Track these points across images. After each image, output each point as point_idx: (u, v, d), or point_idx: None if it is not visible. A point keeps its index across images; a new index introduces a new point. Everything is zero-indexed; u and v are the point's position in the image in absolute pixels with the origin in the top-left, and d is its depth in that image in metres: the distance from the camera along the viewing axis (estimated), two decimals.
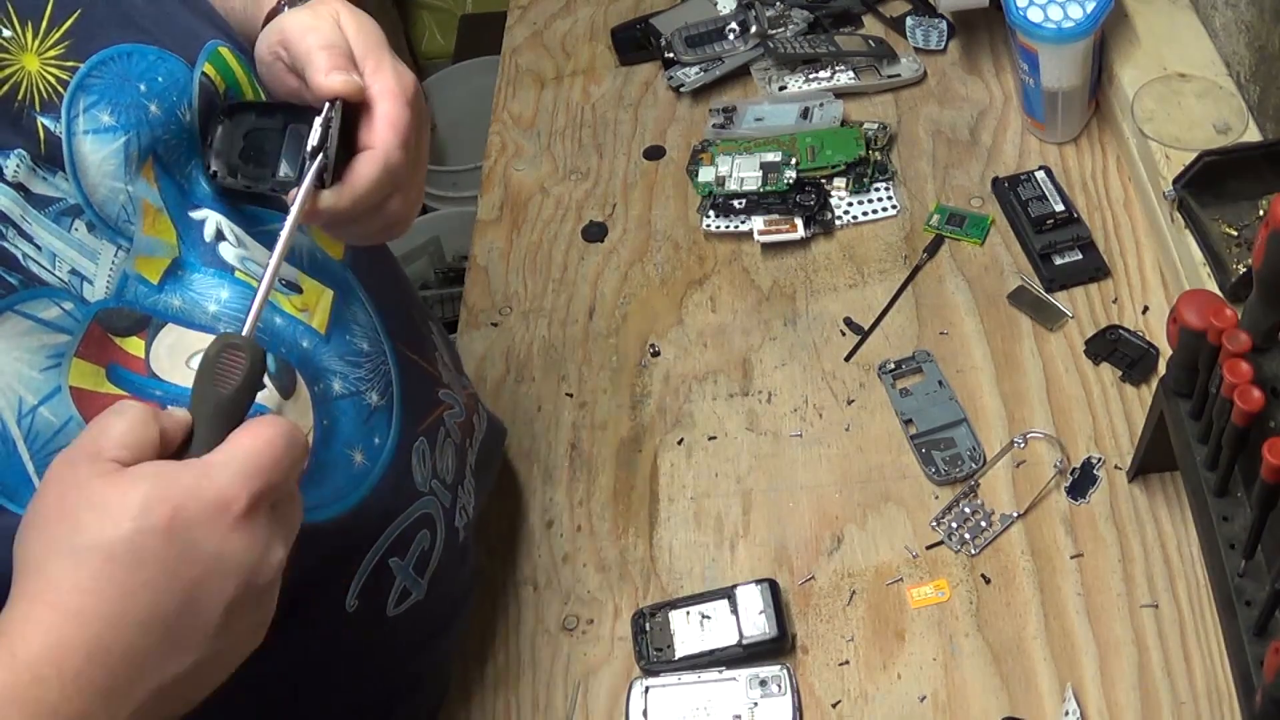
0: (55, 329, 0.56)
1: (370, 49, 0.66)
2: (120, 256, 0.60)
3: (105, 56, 0.61)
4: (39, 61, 0.58)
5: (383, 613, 0.75)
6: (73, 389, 0.56)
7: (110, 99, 0.61)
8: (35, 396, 0.55)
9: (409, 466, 0.74)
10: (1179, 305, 0.72)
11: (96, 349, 0.58)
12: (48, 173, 0.58)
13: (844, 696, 0.84)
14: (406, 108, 0.64)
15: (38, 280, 0.56)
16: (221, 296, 0.65)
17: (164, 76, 0.64)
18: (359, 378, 0.72)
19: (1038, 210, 1.06)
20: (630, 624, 0.89)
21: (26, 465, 0.54)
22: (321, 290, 0.72)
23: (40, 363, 0.55)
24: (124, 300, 0.60)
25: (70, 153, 0.59)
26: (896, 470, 0.95)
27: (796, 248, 1.12)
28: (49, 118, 0.58)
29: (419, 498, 0.76)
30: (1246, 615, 0.65)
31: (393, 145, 0.63)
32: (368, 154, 0.63)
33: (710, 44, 1.30)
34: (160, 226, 0.63)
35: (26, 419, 0.54)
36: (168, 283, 0.63)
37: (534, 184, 1.26)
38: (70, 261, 0.58)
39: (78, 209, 0.59)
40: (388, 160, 0.63)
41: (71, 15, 0.60)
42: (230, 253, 0.66)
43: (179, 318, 0.63)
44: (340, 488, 0.69)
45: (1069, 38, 1.04)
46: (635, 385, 1.06)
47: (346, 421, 0.70)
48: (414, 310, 0.85)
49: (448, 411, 0.81)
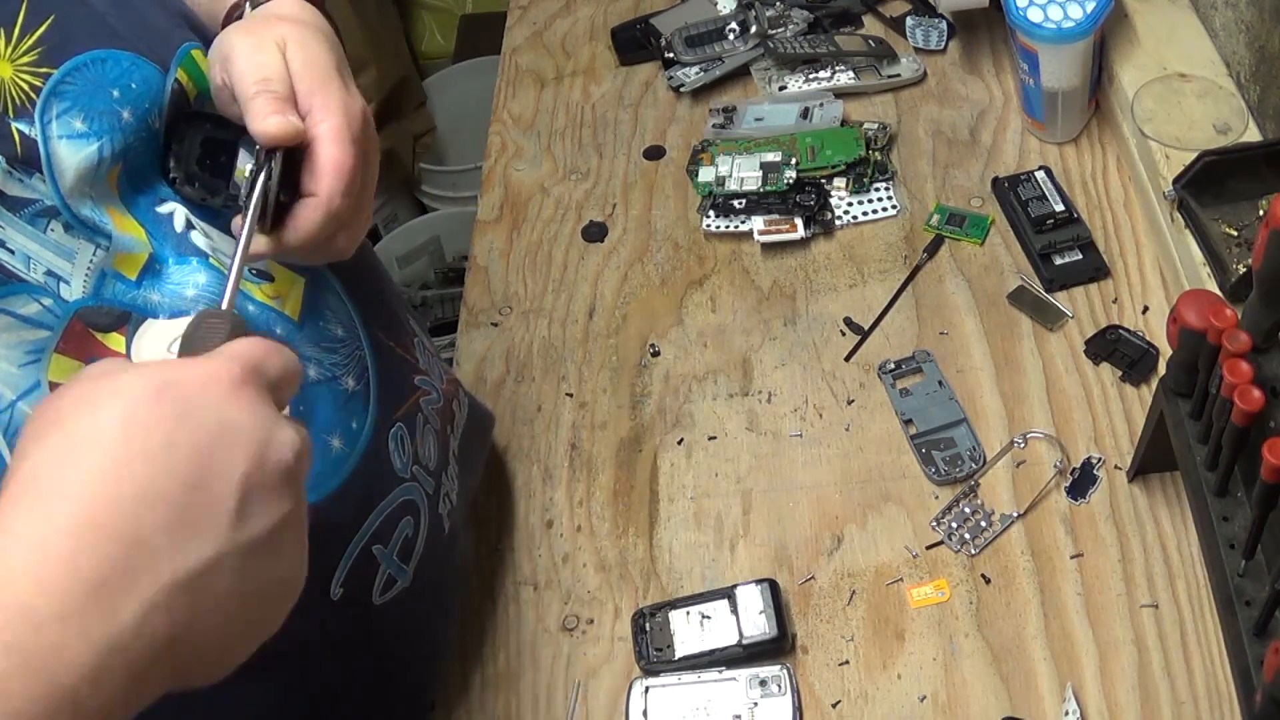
0: (34, 325, 0.56)
1: (316, 83, 0.63)
2: (99, 255, 0.61)
3: (79, 63, 0.61)
4: (11, 68, 0.58)
5: (369, 601, 0.75)
6: (53, 385, 0.57)
7: (83, 105, 0.60)
8: (14, 392, 0.55)
9: (387, 452, 0.75)
10: (1179, 305, 0.72)
11: (77, 344, 0.58)
12: (24, 174, 0.58)
13: (844, 696, 0.84)
14: (351, 147, 0.63)
15: (15, 278, 0.56)
16: (199, 281, 0.65)
17: (138, 83, 0.63)
18: (334, 363, 0.72)
19: (1038, 210, 1.06)
20: (630, 624, 0.89)
21: (6, 460, 0.54)
22: (293, 278, 0.72)
23: (19, 358, 0.56)
24: (102, 298, 0.60)
25: (47, 154, 0.58)
26: (896, 470, 0.95)
27: (796, 248, 1.12)
28: (23, 123, 0.58)
29: (400, 484, 0.76)
30: (1246, 615, 0.65)
31: (336, 192, 0.62)
32: (310, 202, 0.62)
33: (710, 44, 1.30)
34: (127, 226, 0.63)
35: (5, 414, 0.55)
36: (145, 279, 0.63)
37: (534, 184, 1.26)
38: (46, 263, 0.58)
39: (54, 210, 0.59)
40: (329, 207, 0.62)
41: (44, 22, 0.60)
42: (201, 240, 0.66)
43: (158, 312, 0.63)
44: (319, 473, 0.69)
45: (1069, 38, 1.04)
46: (635, 385, 1.06)
47: (323, 407, 0.70)
48: (389, 296, 0.85)
49: (424, 398, 0.82)
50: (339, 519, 0.71)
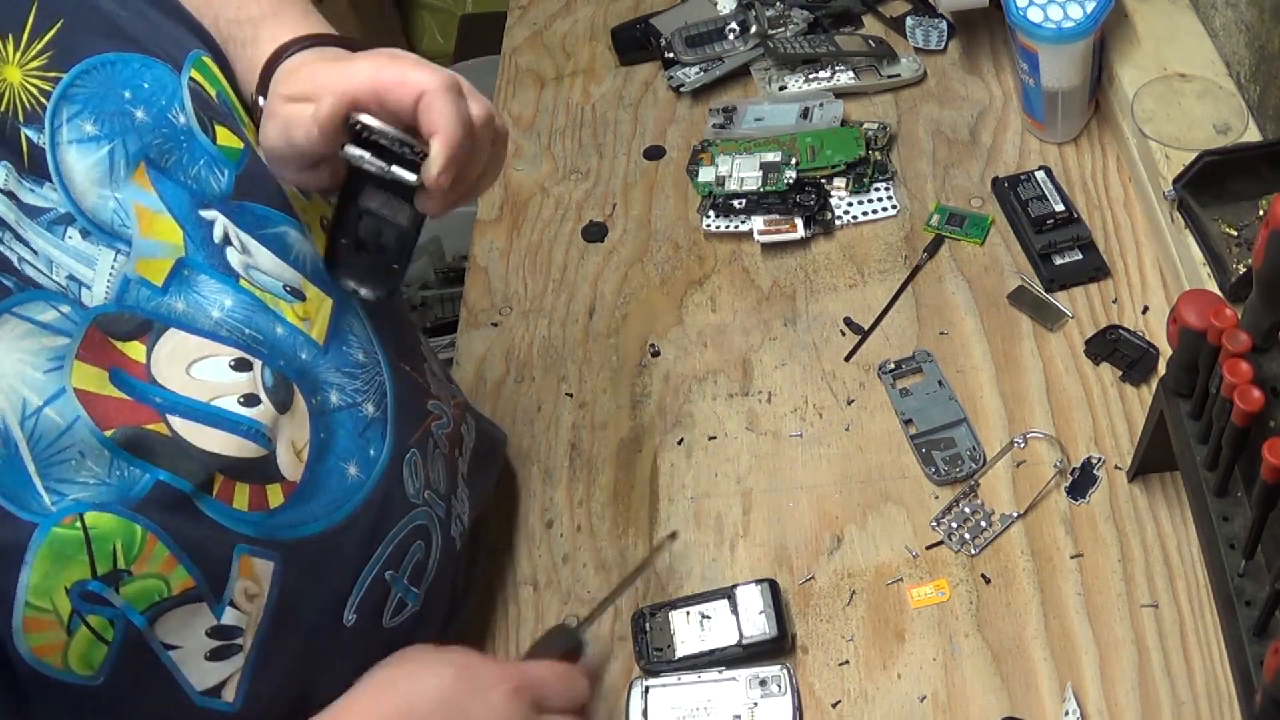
0: (53, 331, 0.56)
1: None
2: (120, 260, 0.60)
3: (88, 66, 0.61)
4: (21, 73, 0.58)
5: (379, 625, 0.75)
6: (77, 390, 0.56)
7: (94, 108, 0.60)
8: (40, 398, 0.55)
9: (400, 478, 0.74)
10: (1179, 305, 0.72)
11: (96, 352, 0.58)
12: (34, 184, 0.57)
13: (844, 696, 0.84)
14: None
15: (33, 284, 0.56)
16: (225, 304, 0.65)
17: (150, 82, 0.63)
18: (355, 389, 0.71)
19: (1038, 210, 1.06)
20: (630, 624, 0.89)
21: (28, 467, 0.54)
22: (322, 298, 0.72)
23: (42, 365, 0.55)
24: (125, 305, 0.60)
25: (55, 162, 0.58)
26: (896, 470, 0.95)
27: (796, 248, 1.12)
28: (32, 129, 0.58)
29: (412, 509, 0.76)
30: (1246, 615, 0.65)
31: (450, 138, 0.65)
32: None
33: (710, 44, 1.30)
34: (160, 228, 0.63)
35: (30, 420, 0.54)
36: (172, 284, 0.63)
37: (534, 184, 1.26)
38: (67, 268, 0.58)
39: (69, 217, 0.58)
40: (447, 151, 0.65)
41: (53, 26, 0.60)
42: (235, 258, 0.66)
43: (181, 322, 0.62)
44: (333, 500, 0.69)
45: (1069, 38, 1.04)
46: (635, 385, 1.06)
47: (344, 434, 0.70)
48: (404, 320, 0.85)
49: (436, 422, 0.81)
50: (351, 547, 0.71)
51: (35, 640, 0.53)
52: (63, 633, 0.54)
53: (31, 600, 0.53)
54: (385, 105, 0.64)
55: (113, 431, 0.57)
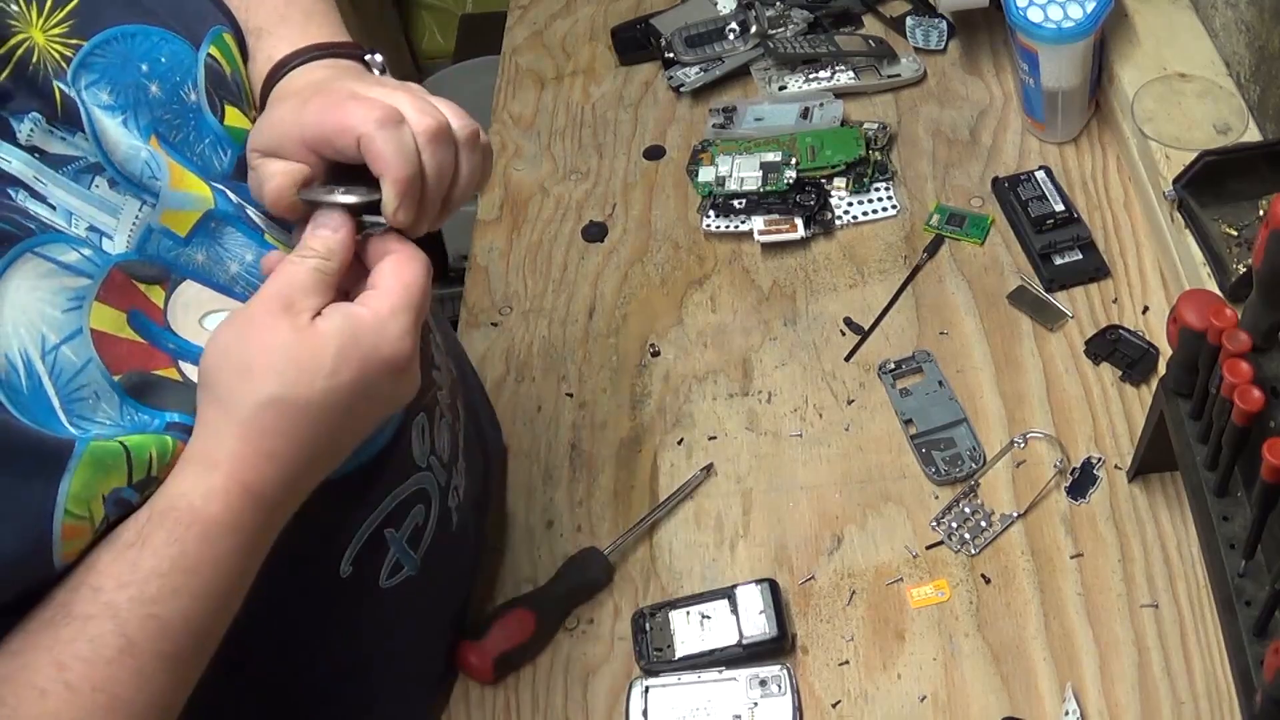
0: (75, 272, 0.57)
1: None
2: (145, 211, 0.61)
3: (108, 36, 0.62)
4: (44, 37, 0.59)
5: (375, 583, 0.75)
6: (94, 331, 0.57)
7: (111, 78, 0.61)
8: (57, 335, 0.55)
9: (409, 438, 0.75)
10: (1179, 305, 0.72)
11: (118, 293, 0.58)
12: (66, 133, 0.58)
13: (844, 696, 0.84)
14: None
15: (54, 229, 0.57)
16: (246, 258, 0.65)
17: (167, 57, 0.64)
18: None
19: (1038, 210, 1.06)
20: (630, 624, 0.89)
21: (52, 399, 0.54)
22: None
23: (62, 304, 0.56)
24: (145, 254, 0.61)
25: (88, 113, 0.59)
26: (896, 470, 0.95)
27: (796, 248, 1.12)
28: (63, 83, 0.58)
29: (416, 472, 0.76)
30: (1246, 615, 0.65)
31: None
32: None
33: (710, 44, 1.30)
34: (190, 182, 0.63)
35: (50, 356, 0.55)
36: (196, 235, 0.63)
37: (534, 184, 1.26)
38: (89, 218, 0.58)
39: (99, 166, 0.59)
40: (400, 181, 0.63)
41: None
42: (258, 217, 0.66)
43: (199, 274, 0.63)
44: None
45: (1069, 38, 1.04)
46: (635, 385, 1.06)
47: None
48: None
49: (439, 391, 0.82)
50: (356, 497, 0.71)
51: (68, 547, 0.54)
52: (90, 536, 0.55)
53: (71, 508, 0.53)
54: (337, 153, 0.63)
55: (121, 376, 0.57)
